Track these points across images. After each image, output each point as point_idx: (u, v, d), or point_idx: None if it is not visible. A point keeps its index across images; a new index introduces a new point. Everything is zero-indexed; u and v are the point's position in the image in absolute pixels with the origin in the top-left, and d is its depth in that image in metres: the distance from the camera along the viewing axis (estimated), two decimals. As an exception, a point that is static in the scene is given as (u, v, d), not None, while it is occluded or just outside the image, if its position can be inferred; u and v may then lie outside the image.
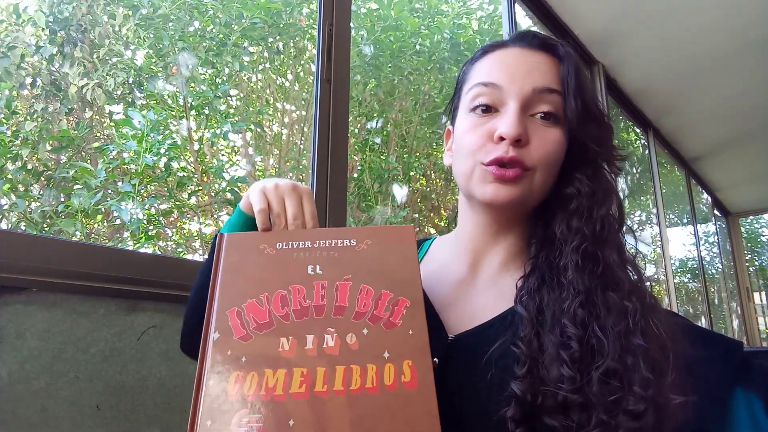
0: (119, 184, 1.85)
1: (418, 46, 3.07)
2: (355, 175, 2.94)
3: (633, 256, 0.59)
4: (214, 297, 0.53)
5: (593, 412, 0.48)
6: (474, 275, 0.65)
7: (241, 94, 2.72)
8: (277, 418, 0.44)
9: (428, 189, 3.36)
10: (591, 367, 0.49)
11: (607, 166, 0.62)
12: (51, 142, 1.86)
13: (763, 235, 6.54)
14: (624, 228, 0.61)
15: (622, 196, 0.63)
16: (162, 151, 1.96)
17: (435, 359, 0.54)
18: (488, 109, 0.61)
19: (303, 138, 2.80)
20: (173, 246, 2.30)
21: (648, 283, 0.58)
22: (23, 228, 1.69)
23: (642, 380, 0.48)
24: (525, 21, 2.57)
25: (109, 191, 1.83)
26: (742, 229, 6.03)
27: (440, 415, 0.46)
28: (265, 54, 2.75)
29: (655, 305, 0.55)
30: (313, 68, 1.98)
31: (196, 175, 2.33)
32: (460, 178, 0.64)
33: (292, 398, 0.45)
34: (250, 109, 2.71)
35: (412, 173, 3.12)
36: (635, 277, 0.56)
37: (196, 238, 2.32)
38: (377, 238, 0.56)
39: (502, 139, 0.58)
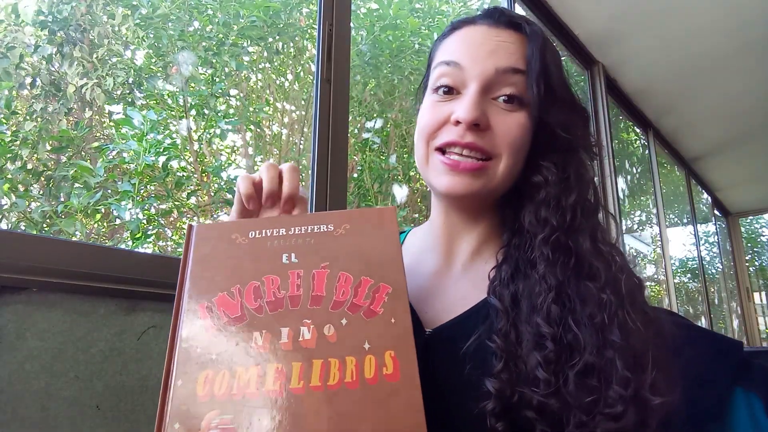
0: (119, 183, 1.85)
1: (417, 45, 3.07)
2: (355, 175, 2.94)
3: (614, 241, 0.57)
4: (183, 291, 0.50)
5: (571, 413, 0.46)
6: (448, 265, 0.63)
7: (241, 94, 2.72)
8: (250, 418, 0.41)
9: (428, 189, 3.36)
10: (567, 365, 0.48)
11: (582, 152, 0.58)
12: (51, 142, 1.86)
13: (763, 235, 6.55)
14: (599, 213, 0.58)
15: (622, 196, 0.62)
16: (161, 150, 1.96)
17: None
18: (450, 91, 0.58)
19: (303, 138, 2.80)
20: (173, 246, 2.30)
21: (632, 267, 0.55)
22: (23, 228, 1.68)
23: (620, 379, 0.46)
24: (525, 21, 2.57)
25: (109, 191, 1.83)
26: (742, 229, 6.03)
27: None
28: (265, 54, 2.75)
29: (634, 295, 0.52)
30: (313, 68, 1.98)
31: (195, 175, 2.33)
32: (417, 163, 0.62)
33: (266, 396, 0.42)
34: (250, 109, 2.71)
35: (412, 173, 3.12)
36: (614, 263, 0.54)
37: (196, 238, 2.31)
38: (356, 221, 0.53)
39: (459, 122, 0.56)
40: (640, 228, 4.12)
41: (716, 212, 5.48)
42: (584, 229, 0.55)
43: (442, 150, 0.58)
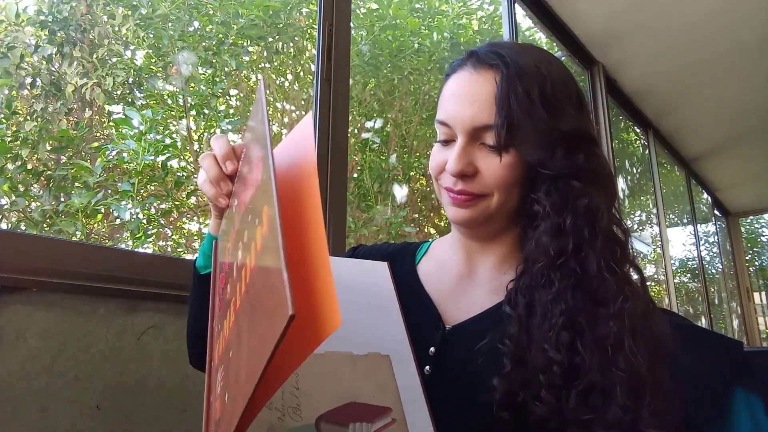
0: (118, 183, 1.85)
1: (417, 45, 3.07)
2: (355, 175, 2.94)
3: (631, 256, 0.58)
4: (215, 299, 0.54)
5: (569, 427, 0.50)
6: (472, 273, 0.68)
7: (241, 94, 2.72)
8: (227, 359, 0.42)
9: (428, 189, 3.36)
10: (571, 384, 0.51)
11: (573, 179, 0.59)
12: (51, 141, 1.86)
13: (763, 235, 6.55)
14: (610, 234, 0.58)
15: (622, 196, 0.62)
16: (161, 150, 1.96)
17: (432, 348, 0.61)
18: (447, 143, 0.64)
19: (303, 138, 2.79)
20: (173, 246, 2.30)
21: (641, 286, 0.57)
22: (23, 228, 1.68)
23: (620, 405, 0.49)
24: (525, 21, 2.57)
25: (109, 191, 1.83)
26: (742, 229, 6.03)
27: (437, 399, 0.51)
28: (265, 54, 2.75)
29: (641, 323, 0.53)
30: (313, 68, 1.98)
31: (195, 175, 2.33)
32: (436, 194, 0.68)
33: (231, 331, 0.43)
34: (251, 108, 2.71)
35: (412, 173, 3.12)
36: (622, 291, 0.54)
37: (196, 238, 2.32)
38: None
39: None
40: (640, 228, 4.12)
41: (716, 212, 5.48)
42: (590, 254, 0.56)
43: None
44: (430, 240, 0.80)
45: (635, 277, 0.58)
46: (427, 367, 0.59)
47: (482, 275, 0.67)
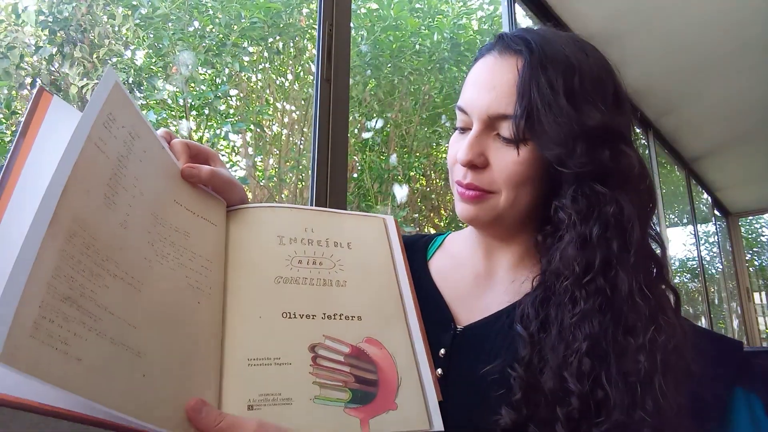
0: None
1: (417, 46, 3.07)
2: (355, 175, 2.94)
3: (668, 277, 0.55)
4: None
5: None
6: (490, 272, 0.65)
7: (241, 95, 2.72)
8: None
9: (428, 189, 3.36)
10: (591, 423, 0.47)
11: (595, 182, 0.54)
12: (51, 142, 1.86)
13: (763, 235, 6.55)
14: (638, 249, 0.53)
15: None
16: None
17: (442, 350, 0.57)
18: (463, 131, 0.60)
19: (303, 138, 2.80)
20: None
21: (675, 308, 0.54)
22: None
23: None
24: (525, 21, 2.57)
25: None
26: (742, 229, 6.03)
27: (450, 402, 0.49)
28: (265, 54, 2.75)
29: (673, 360, 0.49)
30: (313, 68, 1.98)
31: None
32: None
33: None
34: (250, 109, 2.71)
35: (412, 173, 3.12)
36: (654, 320, 0.50)
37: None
38: None
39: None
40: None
41: (716, 212, 5.48)
42: (621, 273, 0.51)
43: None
44: (445, 233, 0.75)
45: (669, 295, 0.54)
46: (439, 370, 0.56)
47: (500, 275, 0.63)
